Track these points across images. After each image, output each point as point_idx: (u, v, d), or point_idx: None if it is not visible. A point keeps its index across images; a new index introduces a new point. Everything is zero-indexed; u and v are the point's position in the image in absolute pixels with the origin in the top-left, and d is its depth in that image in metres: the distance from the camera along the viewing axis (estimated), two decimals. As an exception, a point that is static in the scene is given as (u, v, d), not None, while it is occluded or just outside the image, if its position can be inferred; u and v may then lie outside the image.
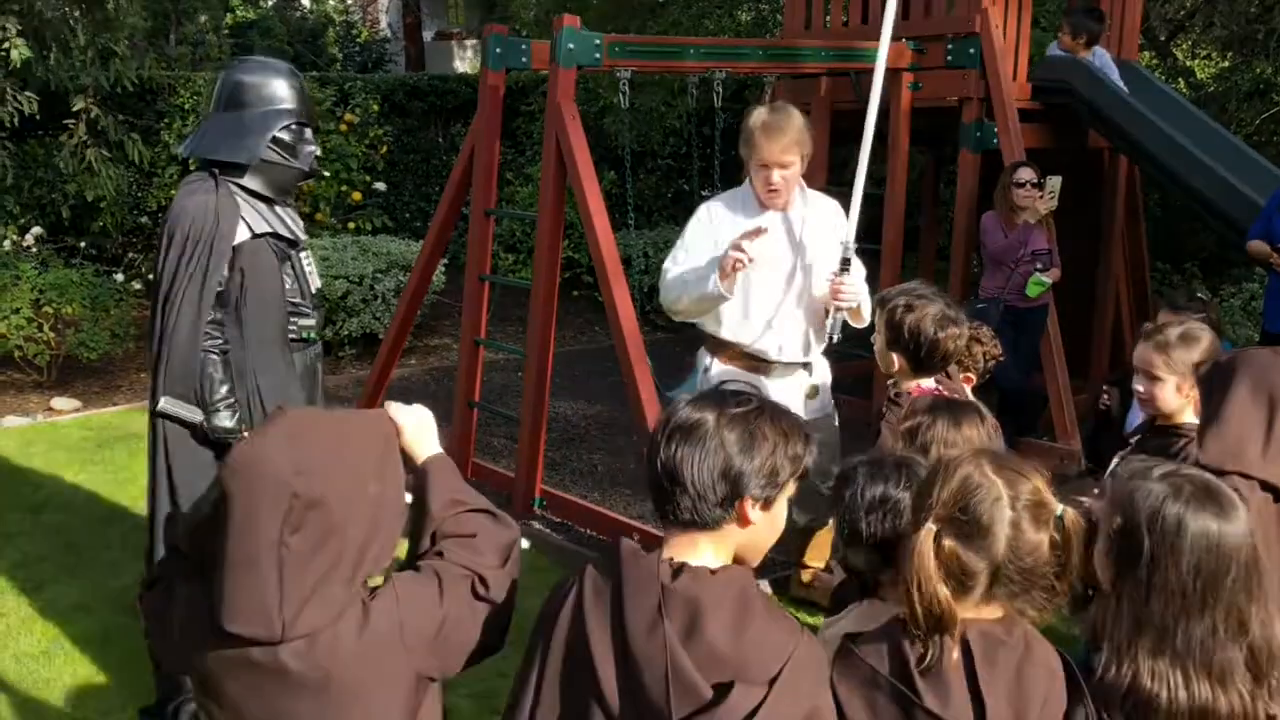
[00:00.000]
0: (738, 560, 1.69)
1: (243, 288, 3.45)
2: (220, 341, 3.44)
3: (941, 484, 1.64)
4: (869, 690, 1.63)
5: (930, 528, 1.61)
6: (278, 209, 3.57)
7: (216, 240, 3.35)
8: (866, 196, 4.37)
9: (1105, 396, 4.17)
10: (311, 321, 3.67)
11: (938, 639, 1.60)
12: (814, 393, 4.07)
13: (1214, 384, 2.61)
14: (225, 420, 3.42)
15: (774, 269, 3.93)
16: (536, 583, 4.58)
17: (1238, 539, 1.67)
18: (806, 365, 4.08)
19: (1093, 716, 1.62)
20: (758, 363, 4.01)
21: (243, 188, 3.46)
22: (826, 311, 4.00)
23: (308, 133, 3.59)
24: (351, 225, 9.90)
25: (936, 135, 7.63)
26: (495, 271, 7.54)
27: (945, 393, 3.08)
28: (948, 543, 1.61)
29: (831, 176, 7.26)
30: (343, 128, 9.85)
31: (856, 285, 3.90)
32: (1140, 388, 2.99)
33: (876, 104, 4.32)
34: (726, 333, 4.01)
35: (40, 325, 7.30)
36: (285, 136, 3.49)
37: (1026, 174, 5.97)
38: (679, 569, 1.60)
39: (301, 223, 3.75)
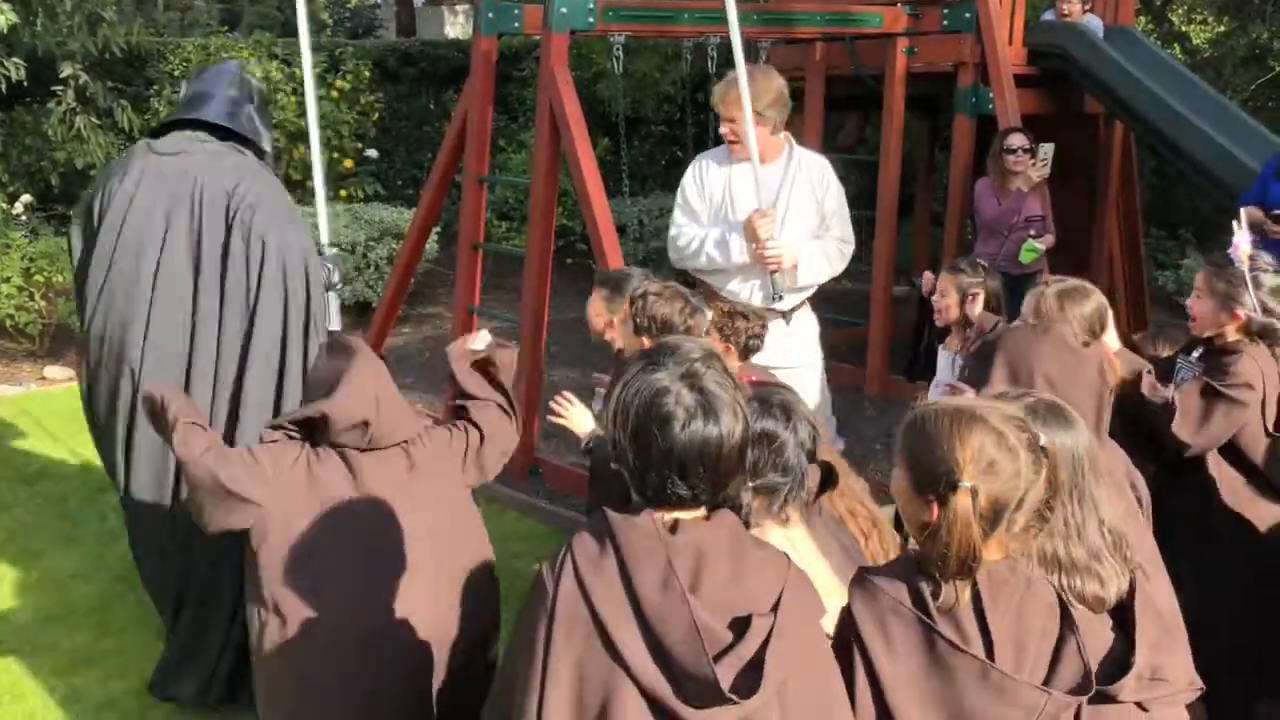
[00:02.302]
0: None
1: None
2: None
3: (959, 442, 1.68)
4: (888, 618, 1.71)
5: (966, 485, 1.66)
6: None
7: None
8: (862, 163, 4.40)
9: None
10: None
11: (955, 582, 1.68)
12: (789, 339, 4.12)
13: (977, 365, 2.90)
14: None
15: (740, 212, 4.07)
16: (533, 549, 4.63)
17: (1085, 444, 1.98)
18: (785, 315, 4.13)
19: (1083, 645, 1.70)
20: None
21: None
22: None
23: None
24: (343, 193, 9.84)
25: (932, 101, 7.60)
26: (488, 239, 7.51)
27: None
28: (982, 498, 1.67)
29: (827, 142, 7.22)
30: (334, 94, 9.78)
31: (783, 246, 3.99)
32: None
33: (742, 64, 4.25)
34: (707, 279, 4.17)
35: (31, 294, 7.27)
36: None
37: (1018, 140, 5.95)
38: (673, 525, 1.62)
39: None
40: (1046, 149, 6.18)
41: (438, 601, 2.62)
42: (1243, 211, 3.56)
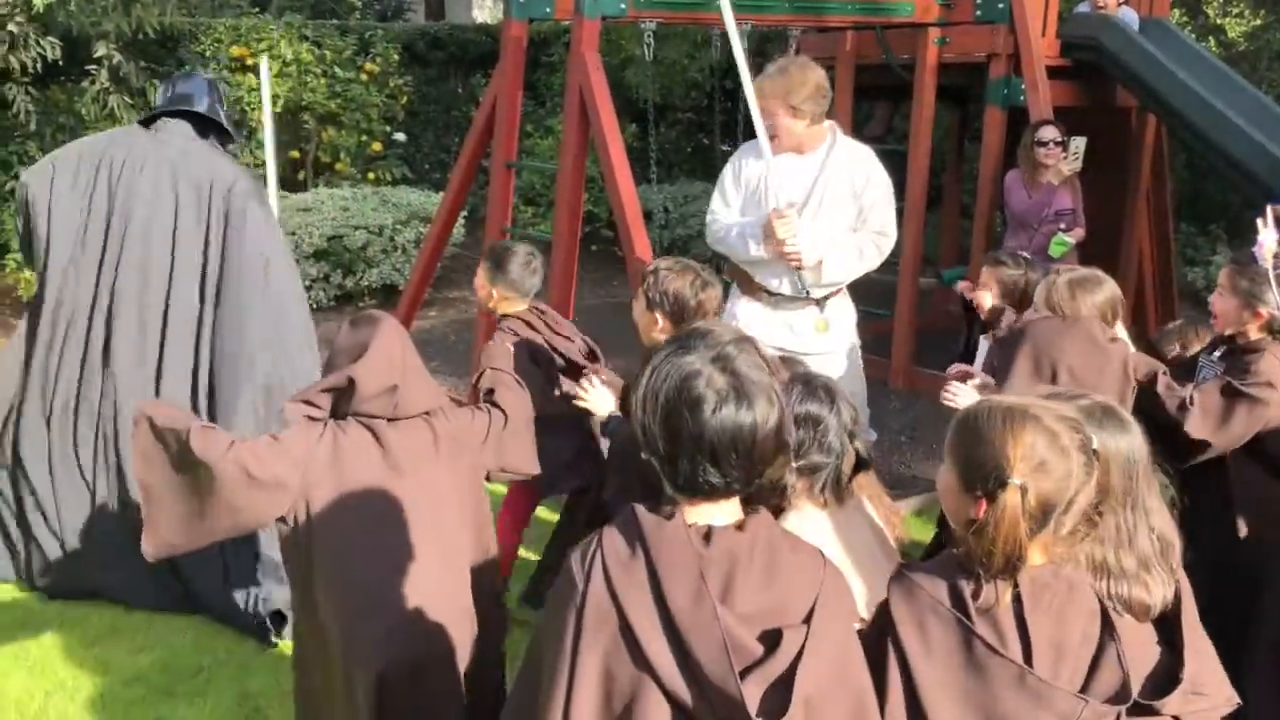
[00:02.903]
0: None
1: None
2: None
3: (1011, 440, 1.67)
4: (927, 617, 1.70)
5: (1016, 483, 1.65)
6: None
7: None
8: (892, 153, 4.37)
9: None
10: None
11: (996, 582, 1.67)
12: (823, 327, 4.11)
13: (1002, 352, 2.79)
14: None
15: (770, 205, 4.04)
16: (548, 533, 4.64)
17: (1141, 448, 1.94)
18: (819, 302, 4.11)
19: (1123, 654, 1.69)
20: (767, 295, 4.13)
21: None
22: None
23: None
24: (371, 176, 9.89)
25: (962, 91, 7.55)
26: (515, 225, 7.52)
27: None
28: (1031, 496, 1.66)
29: (856, 132, 7.19)
30: (363, 77, 9.80)
31: (801, 242, 3.93)
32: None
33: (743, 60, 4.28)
34: (743, 266, 4.17)
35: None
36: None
37: (1049, 133, 5.91)
38: (707, 533, 1.57)
39: None
40: (1078, 143, 6.13)
41: (447, 574, 2.64)
42: (1269, 209, 3.56)
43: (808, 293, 4.05)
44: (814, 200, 4.04)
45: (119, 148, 4.13)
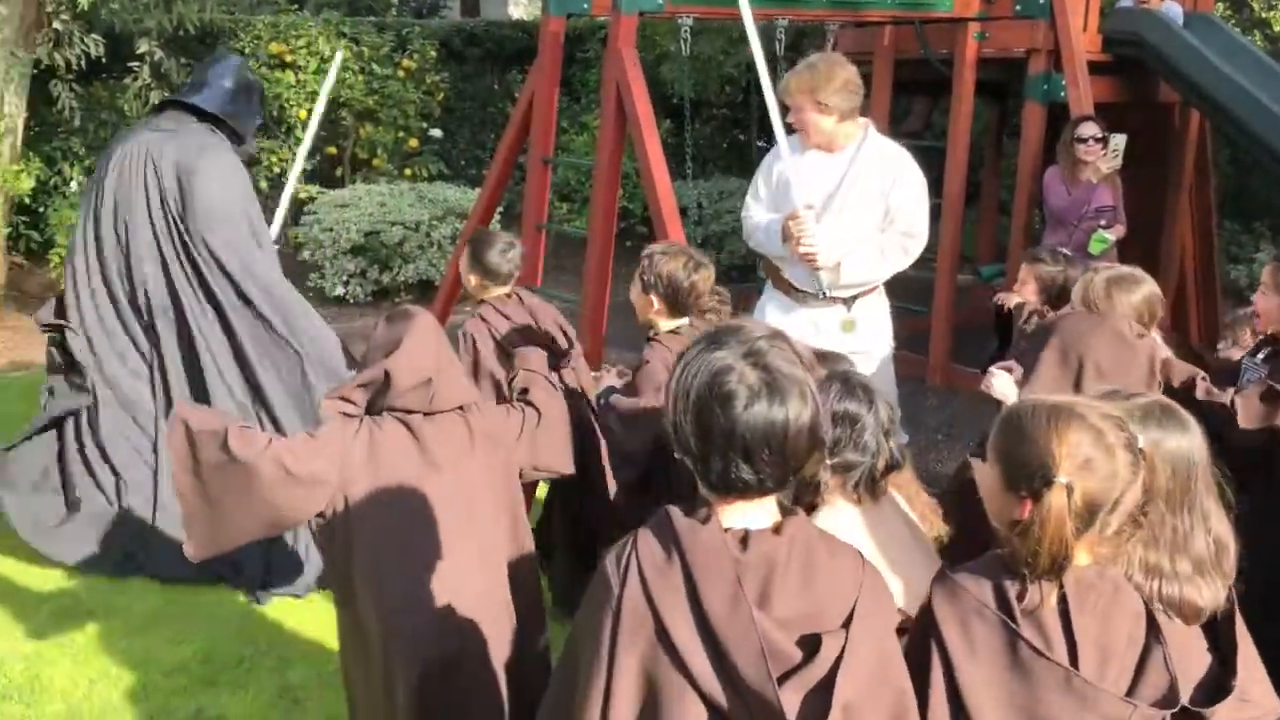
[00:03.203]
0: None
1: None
2: None
3: (1056, 438, 1.65)
4: (971, 619, 1.68)
5: (1062, 481, 1.63)
6: None
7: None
8: (929, 149, 4.34)
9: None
10: None
11: (1041, 583, 1.66)
12: (849, 327, 4.09)
13: (1031, 347, 2.89)
14: None
15: (791, 202, 4.03)
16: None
17: (1200, 449, 1.91)
18: (846, 301, 4.09)
19: (1169, 657, 1.66)
20: (795, 291, 4.12)
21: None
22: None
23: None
24: (408, 172, 9.95)
25: (1001, 87, 7.49)
26: (550, 220, 7.55)
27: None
28: (1077, 495, 1.64)
29: (893, 127, 7.15)
30: (400, 74, 9.86)
31: (826, 247, 3.91)
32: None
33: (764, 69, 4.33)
34: (773, 262, 4.18)
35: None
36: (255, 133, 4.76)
37: (1089, 129, 5.84)
38: (744, 537, 1.55)
39: None
40: (1118, 140, 6.06)
41: (485, 569, 2.66)
42: None
43: (824, 293, 4.02)
44: (837, 199, 4.00)
45: (121, 140, 4.51)
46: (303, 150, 5.01)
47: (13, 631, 3.87)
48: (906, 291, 8.20)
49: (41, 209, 8.32)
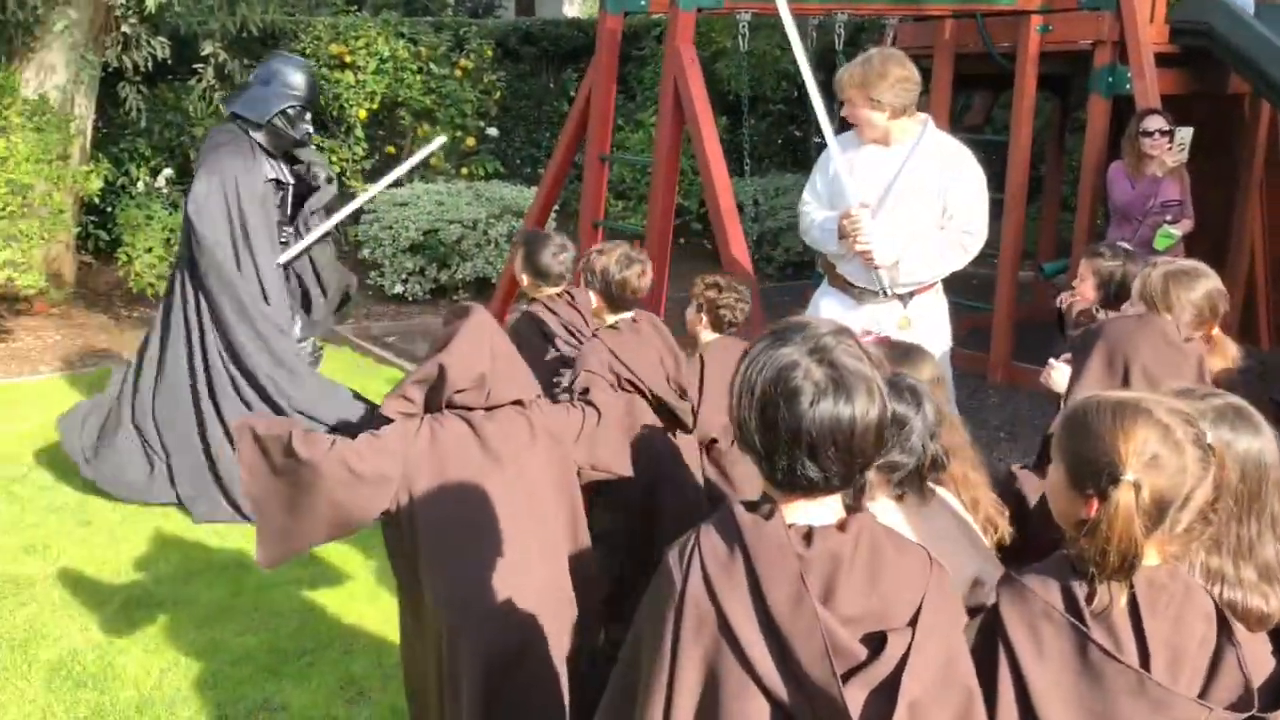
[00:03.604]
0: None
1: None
2: None
3: (1122, 435, 1.62)
4: (1039, 622, 1.65)
5: (1129, 479, 1.60)
6: (280, 161, 5.06)
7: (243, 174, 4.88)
8: (990, 144, 4.28)
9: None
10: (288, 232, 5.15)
11: (1110, 584, 1.62)
12: (905, 324, 4.06)
13: (1077, 352, 2.82)
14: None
15: (845, 198, 4.01)
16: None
17: (1273, 453, 1.86)
18: (903, 298, 4.06)
19: (1243, 659, 1.63)
20: (851, 288, 4.10)
21: (256, 139, 4.95)
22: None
23: (307, 115, 5.03)
24: (465, 171, 10.02)
25: (1063, 80, 7.37)
26: (605, 217, 7.57)
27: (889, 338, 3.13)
28: (1145, 493, 1.61)
29: (954, 122, 7.07)
30: (458, 73, 9.93)
31: (883, 239, 3.88)
32: None
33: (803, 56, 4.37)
34: (830, 256, 4.17)
35: (171, 264, 7.58)
36: (290, 112, 4.92)
37: (1155, 122, 5.72)
38: (807, 533, 1.54)
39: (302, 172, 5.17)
40: (1185, 134, 5.93)
41: (547, 564, 2.67)
42: None
43: (885, 291, 3.99)
44: (892, 195, 3.96)
45: None
46: (375, 188, 5.59)
47: (86, 622, 3.96)
48: (968, 288, 8.12)
49: (109, 209, 8.49)
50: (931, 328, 4.13)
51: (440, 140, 5.81)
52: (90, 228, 8.59)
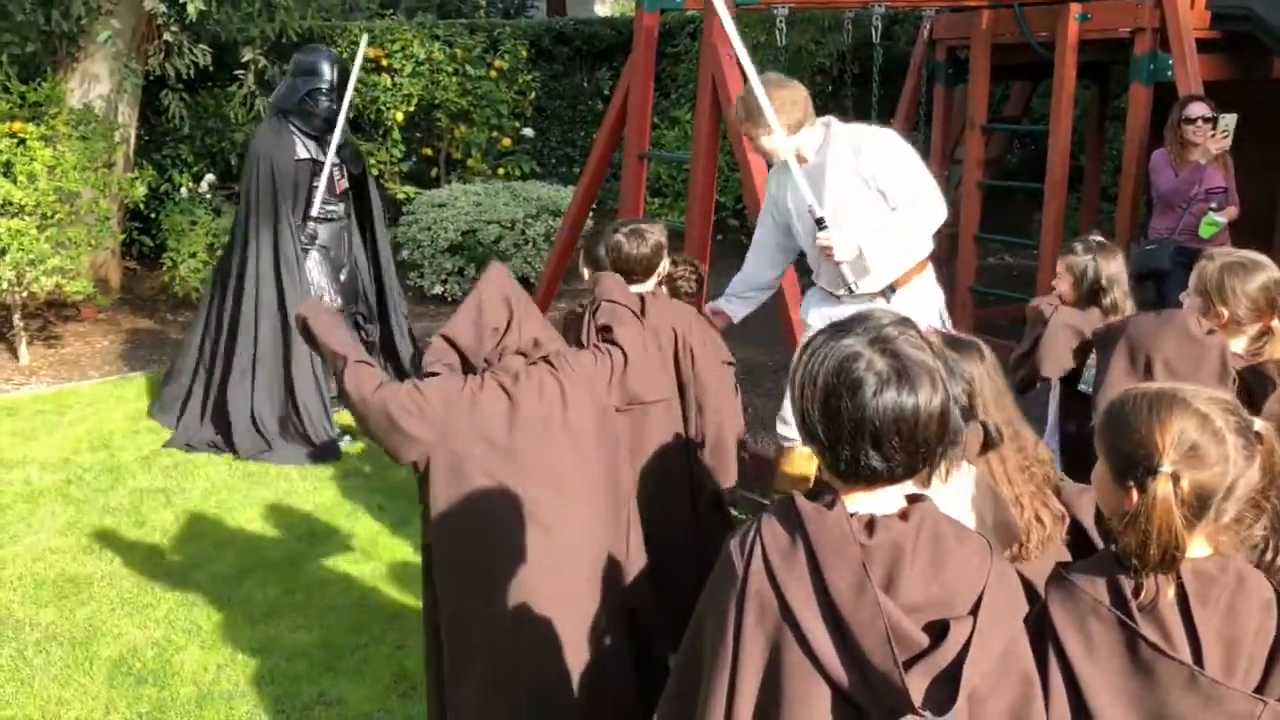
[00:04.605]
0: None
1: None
2: None
3: (1158, 426, 1.62)
4: (1088, 620, 1.65)
5: (1166, 470, 1.60)
6: (320, 140, 5.79)
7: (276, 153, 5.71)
8: (1028, 133, 4.25)
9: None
10: (335, 206, 5.91)
11: (1156, 577, 1.61)
12: None
13: (1099, 351, 2.84)
14: None
15: (800, 216, 4.08)
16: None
17: None
18: (885, 294, 4.06)
19: None
20: (828, 293, 4.21)
21: (294, 124, 5.76)
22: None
23: (331, 95, 5.72)
24: (501, 171, 10.08)
25: (1102, 68, 7.30)
26: (644, 215, 7.58)
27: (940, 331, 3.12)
28: (1184, 484, 1.61)
29: (991, 113, 7.03)
30: (493, 74, 9.99)
31: (841, 238, 3.90)
32: None
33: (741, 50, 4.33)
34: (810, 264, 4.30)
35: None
36: (317, 95, 5.69)
37: (1198, 109, 5.66)
38: (869, 522, 1.55)
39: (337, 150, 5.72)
40: (1228, 120, 5.86)
41: (593, 532, 2.71)
42: None
43: (850, 288, 3.99)
44: (829, 208, 3.97)
45: None
46: (340, 122, 5.68)
47: (144, 620, 4.04)
48: (1008, 279, 8.07)
49: (154, 215, 8.63)
50: (918, 316, 4.09)
51: (365, 39, 6.42)
52: (134, 234, 8.73)
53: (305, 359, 5.58)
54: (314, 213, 5.70)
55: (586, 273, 3.91)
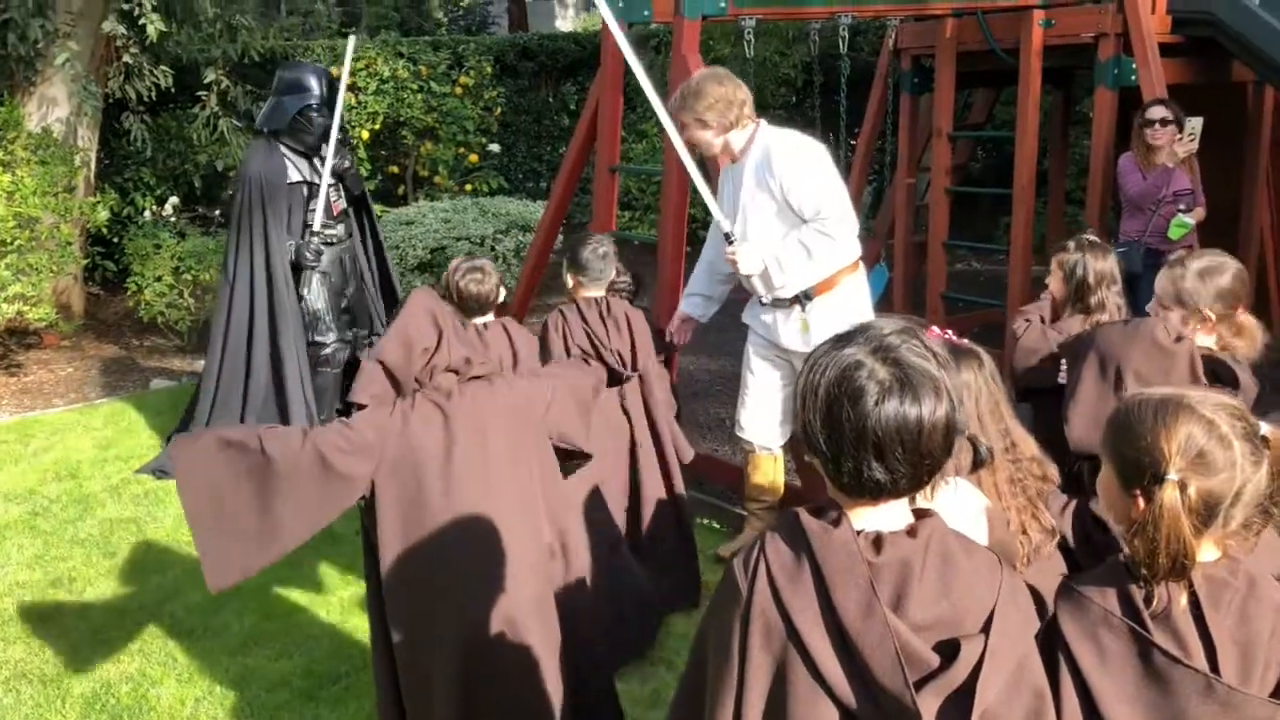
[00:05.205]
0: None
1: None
2: None
3: (1164, 432, 1.60)
4: (1099, 631, 1.62)
5: (1173, 478, 1.58)
6: (311, 160, 5.63)
7: (268, 176, 5.49)
8: (992, 140, 4.30)
9: None
10: (334, 230, 5.73)
11: (1166, 584, 1.59)
12: (805, 328, 4.10)
13: (1068, 362, 2.88)
14: None
15: (716, 226, 4.21)
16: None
17: None
18: (799, 302, 4.08)
19: None
20: (749, 296, 4.31)
21: (285, 144, 5.55)
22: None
23: (323, 110, 5.54)
24: (469, 187, 10.03)
25: (1065, 73, 7.37)
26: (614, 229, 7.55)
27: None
28: (1191, 491, 1.59)
29: (955, 121, 7.07)
30: (458, 91, 9.95)
31: (748, 253, 4.00)
32: None
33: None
34: None
35: (181, 292, 7.59)
36: (308, 112, 5.50)
37: (1157, 112, 5.73)
38: (876, 539, 1.51)
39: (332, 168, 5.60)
40: (1195, 124, 5.93)
41: (533, 544, 2.75)
42: None
43: (761, 299, 4.14)
44: (742, 210, 4.05)
45: None
46: (333, 129, 5.57)
47: (118, 654, 3.94)
48: (975, 285, 8.10)
49: (116, 239, 8.51)
50: (832, 330, 4.07)
51: (352, 41, 6.19)
52: (97, 259, 8.60)
53: (298, 385, 5.50)
54: (316, 227, 5.54)
55: (569, 279, 3.97)
